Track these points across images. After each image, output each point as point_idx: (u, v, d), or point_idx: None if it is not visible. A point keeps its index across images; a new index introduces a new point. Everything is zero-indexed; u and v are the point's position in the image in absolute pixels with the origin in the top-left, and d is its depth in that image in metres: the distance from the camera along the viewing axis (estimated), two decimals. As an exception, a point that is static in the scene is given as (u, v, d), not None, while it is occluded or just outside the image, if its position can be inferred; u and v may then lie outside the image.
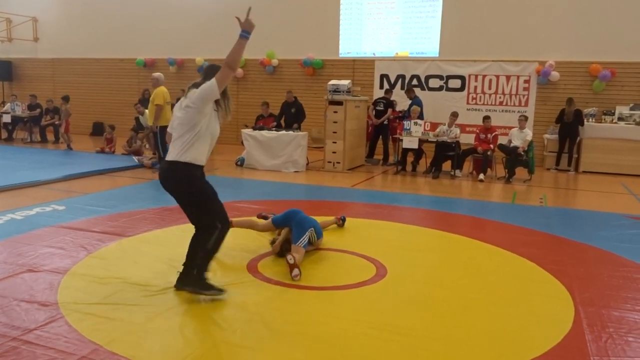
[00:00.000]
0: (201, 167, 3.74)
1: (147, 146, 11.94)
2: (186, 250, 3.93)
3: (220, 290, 3.82)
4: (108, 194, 7.59)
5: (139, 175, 9.26)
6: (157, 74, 9.71)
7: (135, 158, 10.69)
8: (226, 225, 3.86)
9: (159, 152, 9.71)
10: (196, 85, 3.66)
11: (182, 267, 3.92)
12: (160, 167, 4.00)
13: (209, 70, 3.71)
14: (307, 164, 10.62)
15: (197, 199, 3.76)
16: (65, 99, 12.92)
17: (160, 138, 9.55)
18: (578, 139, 11.07)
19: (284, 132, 10.38)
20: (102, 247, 4.94)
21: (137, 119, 12.84)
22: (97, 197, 7.24)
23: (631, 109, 11.06)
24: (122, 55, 15.89)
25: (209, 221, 3.80)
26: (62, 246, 4.91)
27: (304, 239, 4.60)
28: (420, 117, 10.84)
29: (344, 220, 5.91)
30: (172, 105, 10.34)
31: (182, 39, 15.02)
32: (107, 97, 16.27)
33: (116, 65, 16.08)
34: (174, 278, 4.01)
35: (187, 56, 15.01)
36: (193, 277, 3.82)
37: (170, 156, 3.73)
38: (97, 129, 15.81)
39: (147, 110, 9.98)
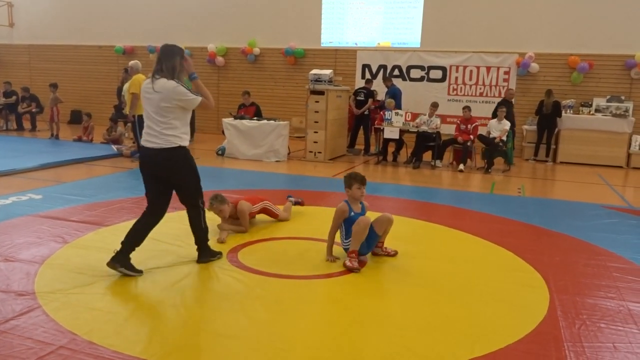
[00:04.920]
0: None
1: (127, 135, 11.82)
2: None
3: (219, 253, 4.40)
4: (86, 183, 7.49)
5: (117, 164, 9.15)
6: (132, 62, 9.61)
7: (114, 147, 10.55)
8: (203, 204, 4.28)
9: (137, 141, 9.61)
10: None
11: (120, 246, 3.97)
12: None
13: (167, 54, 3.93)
14: (289, 154, 10.60)
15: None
16: (54, 86, 12.65)
17: (138, 127, 9.45)
18: (556, 130, 11.25)
19: (265, 121, 10.34)
20: (80, 236, 4.88)
21: (115, 107, 12.67)
22: (75, 186, 7.14)
23: (608, 100, 11.24)
24: (101, 42, 15.62)
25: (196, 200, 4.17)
26: (39, 235, 4.84)
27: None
28: (398, 106, 10.87)
29: (298, 202, 6.03)
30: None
31: (163, 27, 14.79)
32: (86, 84, 16.00)
33: (94, 53, 15.79)
34: (153, 267, 4.04)
35: (167, 44, 14.80)
36: (203, 251, 4.28)
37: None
38: (75, 117, 15.54)
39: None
